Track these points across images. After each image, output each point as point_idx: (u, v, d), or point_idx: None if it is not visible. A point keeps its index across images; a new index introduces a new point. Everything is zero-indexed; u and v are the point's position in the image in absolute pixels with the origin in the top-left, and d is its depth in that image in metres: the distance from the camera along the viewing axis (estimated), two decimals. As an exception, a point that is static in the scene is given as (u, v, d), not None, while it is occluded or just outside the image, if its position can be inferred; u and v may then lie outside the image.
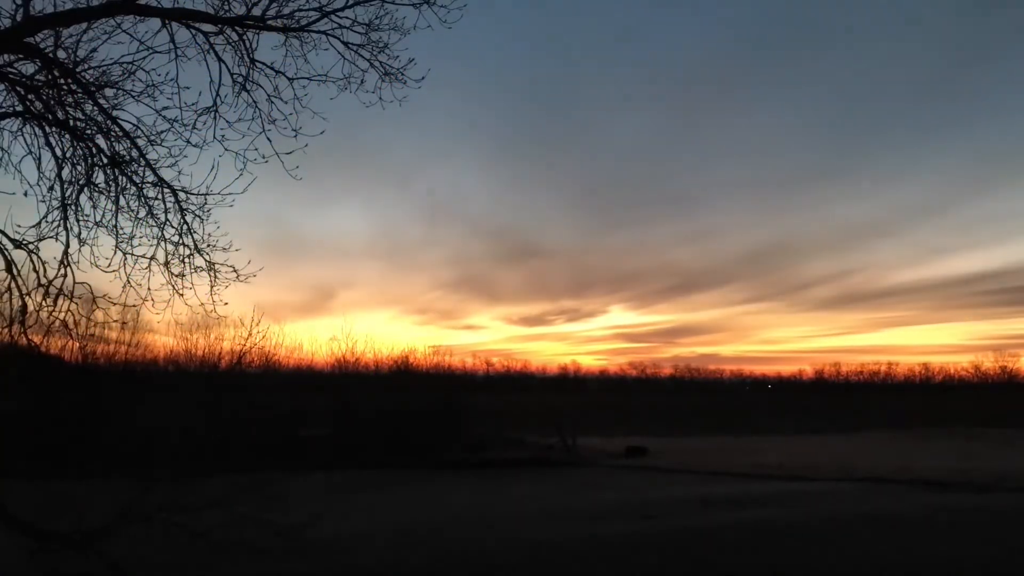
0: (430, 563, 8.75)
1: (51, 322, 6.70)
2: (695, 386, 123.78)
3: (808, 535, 10.16)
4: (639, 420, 50.46)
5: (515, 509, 13.29)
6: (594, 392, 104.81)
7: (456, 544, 9.94)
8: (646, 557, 8.94)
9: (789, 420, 50.06)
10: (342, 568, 8.53)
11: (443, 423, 29.40)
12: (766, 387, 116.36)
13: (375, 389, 32.13)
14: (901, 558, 8.82)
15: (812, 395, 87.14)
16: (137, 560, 7.33)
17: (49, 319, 6.67)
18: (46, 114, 6.70)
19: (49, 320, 6.68)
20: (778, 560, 8.75)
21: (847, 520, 11.27)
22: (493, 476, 20.64)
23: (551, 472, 21.78)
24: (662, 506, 13.11)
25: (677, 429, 43.44)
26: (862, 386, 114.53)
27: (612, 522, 11.57)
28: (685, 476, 19.90)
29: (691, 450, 27.56)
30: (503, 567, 8.54)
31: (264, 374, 30.99)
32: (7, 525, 6.53)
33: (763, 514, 12.00)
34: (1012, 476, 16.54)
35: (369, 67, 7.12)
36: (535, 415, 40.75)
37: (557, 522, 11.62)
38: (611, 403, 74.14)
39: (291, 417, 30.26)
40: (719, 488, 16.09)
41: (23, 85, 6.59)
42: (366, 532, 10.88)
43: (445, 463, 23.30)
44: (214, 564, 7.30)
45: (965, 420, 43.62)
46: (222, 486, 7.19)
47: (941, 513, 11.94)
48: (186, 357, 27.99)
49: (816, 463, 21.26)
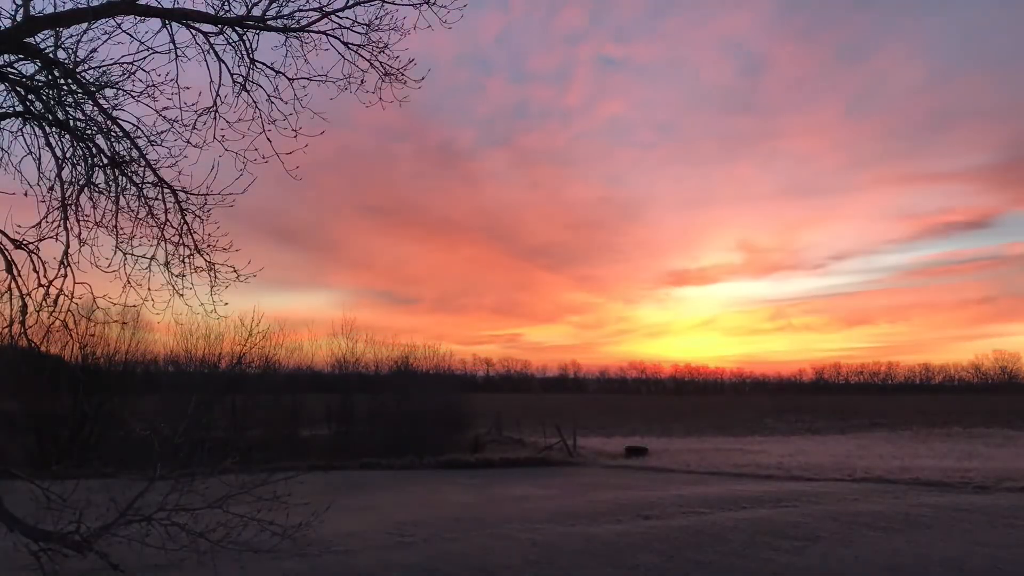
0: (430, 563, 8.75)
1: (51, 322, 6.70)
2: (695, 386, 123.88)
3: (808, 535, 10.16)
4: (639, 420, 50.50)
5: (515, 509, 13.29)
6: (594, 392, 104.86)
7: (456, 544, 9.94)
8: (646, 557, 8.95)
9: (789, 420, 50.12)
10: (342, 568, 8.53)
11: (443, 423, 29.40)
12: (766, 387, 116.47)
13: (375, 389, 32.13)
14: (901, 558, 8.82)
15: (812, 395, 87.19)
16: (137, 560, 7.34)
17: (49, 319, 6.68)
18: (46, 114, 6.70)
19: (49, 320, 6.68)
20: (778, 560, 8.75)
21: (847, 520, 11.27)
22: (493, 476, 20.65)
23: (551, 472, 21.78)
24: (661, 506, 13.11)
25: (677, 429, 43.47)
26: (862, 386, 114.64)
27: (611, 522, 11.57)
28: (685, 476, 19.91)
29: (691, 450, 27.56)
30: (503, 567, 8.54)
31: (264, 374, 31.01)
32: (7, 525, 6.53)
33: (763, 514, 12.00)
34: (1012, 476, 16.54)
35: (369, 67, 7.13)
36: (535, 415, 40.79)
37: (557, 522, 11.62)
38: (611, 403, 74.24)
39: (291, 417, 30.30)
40: (719, 488, 16.09)
41: (23, 85, 6.59)
42: (366, 532, 10.88)
43: (445, 463, 23.31)
44: (214, 564, 7.30)
45: (965, 420, 43.68)
46: (222, 486, 7.18)
47: (941, 513, 11.94)
48: (186, 357, 28.02)
49: (816, 463, 21.26)
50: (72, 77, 6.59)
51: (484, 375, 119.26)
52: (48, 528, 6.59)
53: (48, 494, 6.68)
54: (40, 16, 6.20)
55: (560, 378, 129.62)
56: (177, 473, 7.15)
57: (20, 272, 6.64)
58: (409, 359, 33.63)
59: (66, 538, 6.56)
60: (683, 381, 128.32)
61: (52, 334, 6.97)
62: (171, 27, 6.64)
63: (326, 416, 32.10)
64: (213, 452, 7.47)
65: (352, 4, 6.83)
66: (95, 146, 6.99)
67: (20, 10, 6.17)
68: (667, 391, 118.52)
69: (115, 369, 25.92)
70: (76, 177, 6.99)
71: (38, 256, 6.66)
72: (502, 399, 60.39)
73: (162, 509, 6.87)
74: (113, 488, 6.87)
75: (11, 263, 6.63)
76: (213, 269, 7.49)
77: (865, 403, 69.03)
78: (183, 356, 28.10)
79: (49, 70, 6.54)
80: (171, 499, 6.93)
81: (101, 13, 6.36)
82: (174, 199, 7.32)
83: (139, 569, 7.76)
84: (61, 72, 6.53)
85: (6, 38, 6.16)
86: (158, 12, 6.54)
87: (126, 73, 6.73)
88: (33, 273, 6.67)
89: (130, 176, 7.18)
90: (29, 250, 6.62)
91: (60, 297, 6.61)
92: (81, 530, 6.62)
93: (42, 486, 6.70)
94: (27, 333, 6.65)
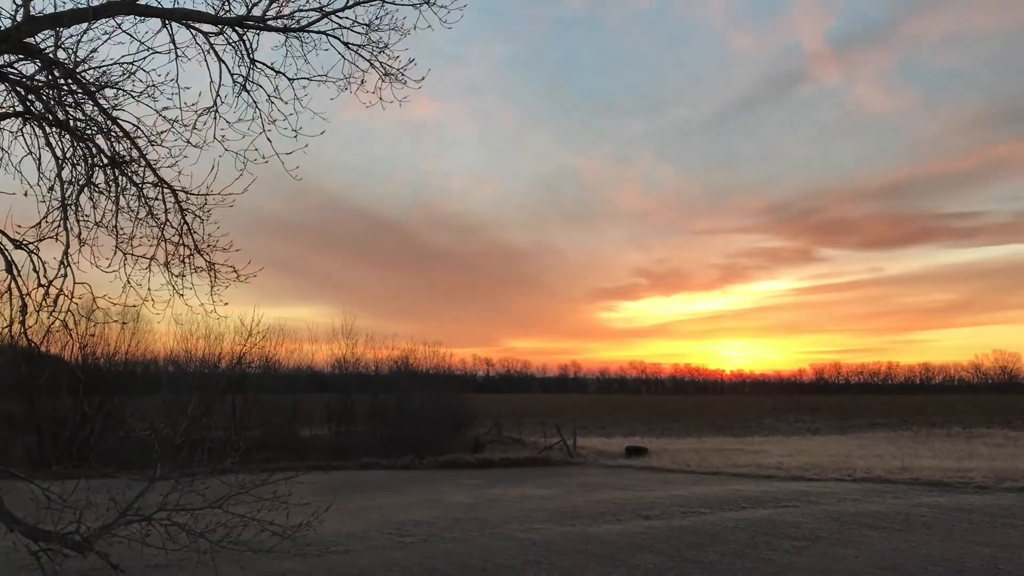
0: (430, 563, 8.75)
1: (51, 322, 6.69)
2: (695, 386, 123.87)
3: (808, 535, 10.16)
4: (639, 420, 50.50)
5: (515, 509, 13.30)
6: (594, 392, 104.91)
7: (456, 544, 9.95)
8: (646, 557, 8.95)
9: (789, 420, 50.12)
10: (342, 568, 8.53)
11: (443, 423, 29.43)
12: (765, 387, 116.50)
13: (375, 389, 32.16)
14: (901, 558, 8.82)
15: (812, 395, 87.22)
16: (137, 560, 7.34)
17: (49, 319, 6.66)
18: (46, 114, 6.69)
19: (49, 320, 6.67)
20: (778, 560, 8.75)
21: (847, 520, 11.27)
22: (493, 476, 20.65)
23: (551, 472, 21.79)
24: (661, 506, 13.12)
25: (677, 429, 43.48)
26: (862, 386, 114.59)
27: (611, 522, 11.58)
28: (684, 476, 19.91)
29: (691, 450, 27.57)
30: (503, 567, 8.54)
31: (264, 374, 31.03)
32: (7, 525, 6.53)
33: (763, 514, 12.01)
34: (1012, 476, 16.54)
35: (369, 67, 7.13)
36: (535, 415, 40.79)
37: (557, 522, 11.62)
38: (611, 403, 74.25)
39: (291, 417, 30.31)
40: (719, 488, 16.10)
41: (23, 85, 6.58)
42: (366, 532, 10.89)
43: (445, 463, 23.32)
44: (214, 564, 7.30)
45: (965, 420, 43.67)
46: (222, 486, 7.18)
47: (941, 513, 11.94)
48: (186, 357, 28.05)
49: (816, 463, 21.26)
50: (72, 77, 6.58)
51: (484, 375, 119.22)
52: (48, 528, 6.58)
53: (48, 494, 6.67)
54: (40, 16, 6.20)
55: (560, 378, 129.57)
56: (177, 473, 7.15)
57: (20, 272, 6.63)
58: (409, 359, 33.68)
59: (66, 538, 6.55)
60: (683, 381, 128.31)
61: (52, 334, 6.94)
62: (171, 27, 6.64)
63: (326, 416, 32.13)
64: (213, 452, 7.46)
65: (352, 4, 6.83)
66: (95, 146, 6.99)
67: (20, 10, 6.17)
68: (667, 391, 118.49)
69: (115, 369, 25.95)
70: (76, 177, 6.98)
71: (38, 256, 6.65)
72: (502, 399, 60.39)
73: (162, 509, 6.86)
74: (113, 488, 6.86)
75: (11, 263, 6.62)
76: (213, 269, 7.49)
77: (865, 403, 69.01)
78: (183, 356, 28.16)
79: (49, 70, 6.53)
80: (171, 499, 6.92)
81: (101, 13, 6.35)
82: (174, 199, 7.32)
83: (139, 569, 7.76)
84: (61, 72, 6.52)
85: (6, 38, 6.16)
86: (158, 12, 6.53)
87: (126, 73, 6.72)
88: (33, 273, 6.65)
89: (130, 176, 7.17)
90: (29, 250, 6.60)
91: (60, 297, 6.60)
92: (81, 530, 6.61)
93: (42, 486, 6.68)
94: (27, 333, 6.64)
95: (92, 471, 8.54)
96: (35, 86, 6.60)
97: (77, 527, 6.60)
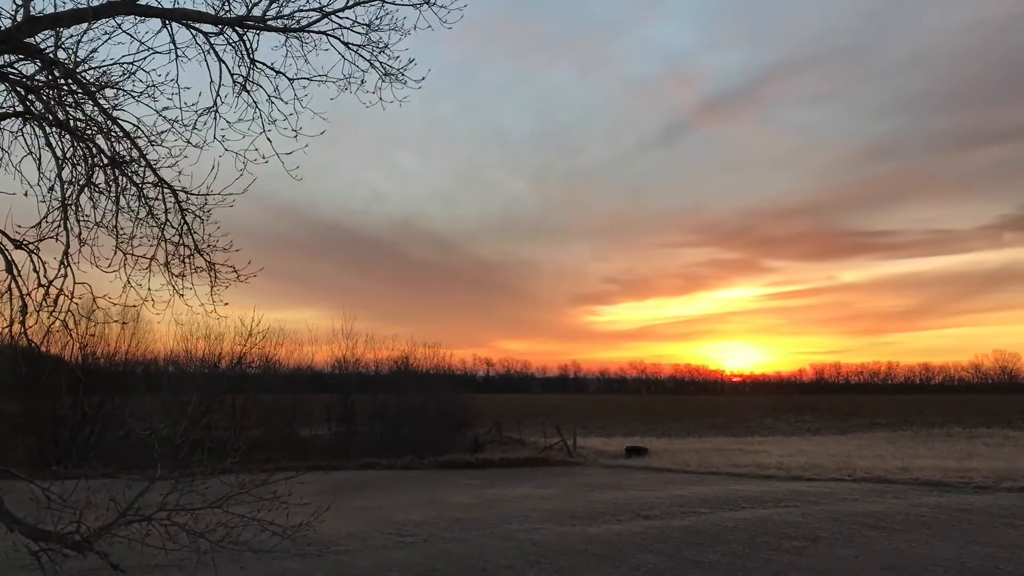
0: (430, 563, 8.76)
1: (51, 322, 6.69)
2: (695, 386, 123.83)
3: (808, 535, 10.17)
4: (639, 420, 50.50)
5: (515, 509, 13.30)
6: (594, 392, 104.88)
7: (456, 544, 9.95)
8: (646, 557, 8.95)
9: (789, 420, 50.12)
10: (342, 568, 8.54)
11: (443, 423, 29.44)
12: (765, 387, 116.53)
13: (375, 389, 32.15)
14: (901, 558, 8.83)
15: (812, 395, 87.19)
16: (137, 560, 7.34)
17: (49, 319, 6.66)
18: (46, 114, 6.69)
19: (49, 320, 6.67)
20: (778, 560, 8.76)
21: (847, 520, 11.28)
22: (493, 476, 20.65)
23: (551, 472, 21.79)
24: (661, 506, 13.12)
25: (677, 429, 43.48)
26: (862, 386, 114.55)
27: (611, 522, 11.58)
28: (684, 476, 19.92)
29: (691, 450, 27.57)
30: (503, 567, 8.54)
31: (264, 374, 31.03)
32: (7, 525, 6.52)
33: (763, 514, 12.01)
34: (1012, 476, 16.54)
35: (369, 67, 7.11)
36: (535, 415, 40.80)
37: (556, 522, 11.63)
38: (611, 403, 74.24)
39: (291, 417, 30.31)
40: (719, 488, 16.10)
41: (23, 85, 6.58)
42: (366, 532, 10.89)
43: (445, 463, 23.32)
44: (214, 564, 7.30)
45: (965, 420, 43.68)
46: (222, 486, 7.18)
47: (941, 513, 11.94)
48: (186, 357, 28.05)
49: (816, 463, 21.27)
50: (72, 77, 6.57)
51: (484, 375, 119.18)
52: (48, 528, 6.58)
53: (48, 494, 6.66)
54: (40, 16, 6.20)
55: (560, 378, 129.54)
56: (177, 473, 7.14)
57: (20, 272, 6.62)
58: (409, 359, 33.66)
59: (66, 538, 6.55)
60: (683, 381, 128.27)
61: (52, 334, 6.92)
62: (171, 27, 6.64)
63: (326, 416, 32.12)
64: (213, 452, 7.46)
65: (352, 4, 6.83)
66: (95, 146, 6.98)
67: (20, 10, 6.17)
68: (667, 391, 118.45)
69: (115, 369, 25.96)
70: (76, 177, 6.97)
71: (38, 256, 6.64)
72: (502, 399, 60.38)
73: (162, 509, 6.85)
74: (113, 488, 6.87)
75: (11, 263, 6.61)
76: (213, 269, 7.48)
77: (865, 403, 69.03)
78: (183, 356, 28.16)
79: (49, 70, 6.53)
80: (171, 499, 6.91)
81: (101, 13, 6.35)
82: (174, 199, 7.31)
83: (139, 569, 7.77)
84: (61, 72, 6.51)
85: (6, 38, 6.15)
86: (158, 12, 6.53)
87: (126, 73, 6.71)
88: (33, 273, 6.64)
89: (130, 176, 7.17)
90: (29, 250, 6.59)
91: (60, 297, 6.59)
92: (81, 530, 6.60)
93: (42, 486, 6.68)
94: (27, 333, 6.63)
95: (92, 471, 8.52)
96: (35, 86, 6.60)
97: (77, 527, 6.59)
